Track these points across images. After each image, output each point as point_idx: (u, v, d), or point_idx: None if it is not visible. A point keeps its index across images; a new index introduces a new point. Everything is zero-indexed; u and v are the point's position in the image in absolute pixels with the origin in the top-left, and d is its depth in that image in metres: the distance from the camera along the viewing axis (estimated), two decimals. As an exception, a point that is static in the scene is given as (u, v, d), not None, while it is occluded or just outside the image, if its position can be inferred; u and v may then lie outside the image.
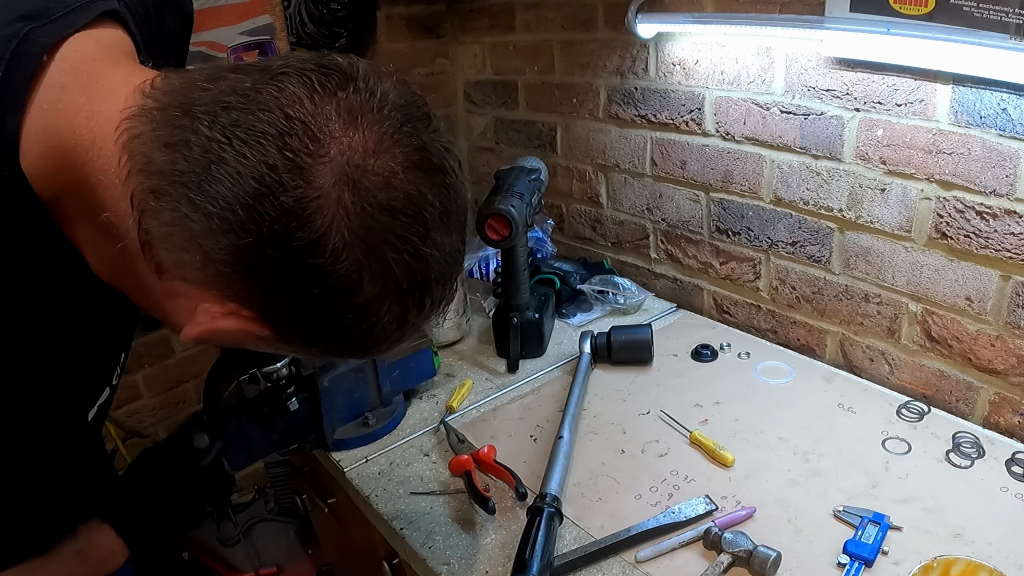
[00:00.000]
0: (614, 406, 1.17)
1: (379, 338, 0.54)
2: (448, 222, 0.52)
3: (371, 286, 0.49)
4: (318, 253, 0.46)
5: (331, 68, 0.49)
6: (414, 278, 0.51)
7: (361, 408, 1.14)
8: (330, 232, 0.46)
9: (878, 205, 1.10)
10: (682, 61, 1.33)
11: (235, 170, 0.45)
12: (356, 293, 0.49)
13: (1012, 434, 1.01)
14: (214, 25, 1.56)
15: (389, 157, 0.48)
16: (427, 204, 0.50)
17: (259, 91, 0.47)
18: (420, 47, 1.84)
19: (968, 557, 0.74)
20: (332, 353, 0.57)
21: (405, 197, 0.48)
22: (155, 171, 0.47)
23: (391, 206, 0.48)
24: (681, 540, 0.87)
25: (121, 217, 0.49)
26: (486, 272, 1.70)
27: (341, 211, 0.46)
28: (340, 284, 0.48)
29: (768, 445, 1.04)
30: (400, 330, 0.54)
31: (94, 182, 0.49)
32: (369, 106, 0.48)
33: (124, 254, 0.51)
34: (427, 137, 0.50)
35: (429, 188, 0.50)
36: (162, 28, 0.68)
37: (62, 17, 0.52)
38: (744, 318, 1.40)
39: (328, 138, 0.46)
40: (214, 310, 0.50)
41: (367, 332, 0.52)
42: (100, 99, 0.50)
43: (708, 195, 1.38)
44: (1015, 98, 0.90)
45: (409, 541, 0.93)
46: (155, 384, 1.85)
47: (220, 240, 0.46)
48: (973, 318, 1.04)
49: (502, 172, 1.30)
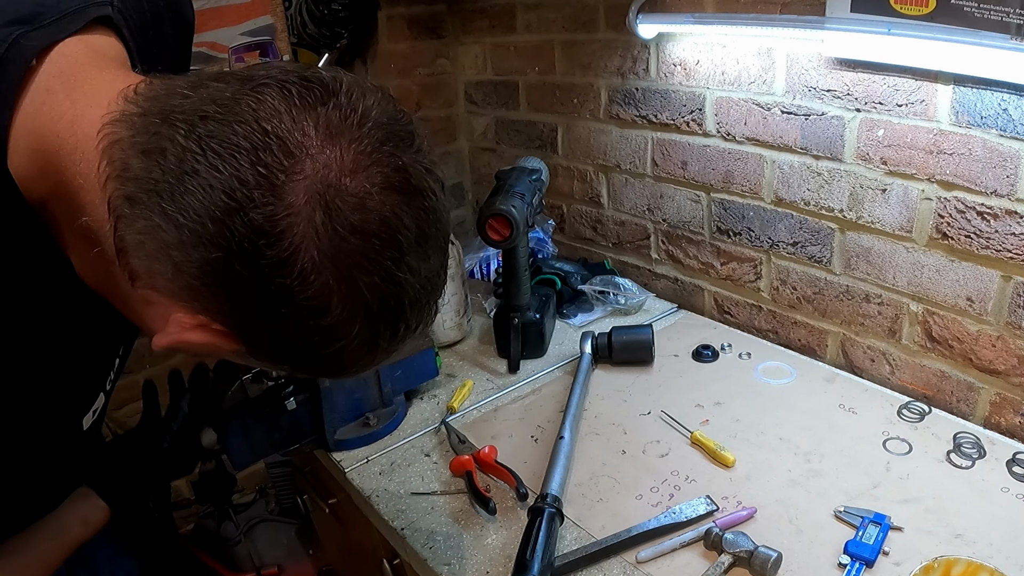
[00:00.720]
0: (615, 406, 1.17)
1: (348, 361, 0.53)
2: (425, 246, 0.51)
3: (340, 309, 0.48)
4: (286, 273, 0.45)
5: (313, 81, 0.48)
6: (386, 303, 0.50)
7: (362, 408, 1.14)
8: (299, 252, 0.45)
9: (879, 205, 1.10)
10: (683, 61, 1.33)
11: (207, 182, 0.44)
12: (324, 315, 0.48)
13: (1013, 434, 1.01)
14: (215, 26, 1.57)
15: (365, 177, 0.47)
16: (403, 227, 0.48)
17: (238, 102, 0.46)
18: (421, 48, 1.84)
19: (969, 558, 0.74)
20: (303, 371, 0.56)
21: (379, 220, 0.47)
22: (131, 178, 0.46)
23: (364, 228, 0.46)
24: (682, 540, 0.87)
25: (99, 222, 0.48)
26: (487, 272, 1.70)
27: (312, 231, 0.45)
28: (308, 305, 0.47)
29: (769, 445, 1.04)
30: (371, 354, 0.53)
31: (76, 186, 0.49)
32: (349, 123, 0.47)
33: (102, 259, 0.50)
34: (408, 158, 0.49)
35: (406, 211, 0.48)
36: (159, 35, 0.67)
37: (54, 22, 0.52)
38: (745, 318, 1.40)
39: (304, 155, 0.45)
40: (184, 321, 0.50)
41: (336, 355, 0.51)
42: (84, 103, 0.49)
43: (709, 195, 1.38)
44: (1016, 98, 0.90)
45: (410, 541, 0.93)
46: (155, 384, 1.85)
47: (190, 253, 0.45)
48: (974, 318, 1.04)
49: (503, 172, 1.30)
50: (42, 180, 0.49)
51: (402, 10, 1.79)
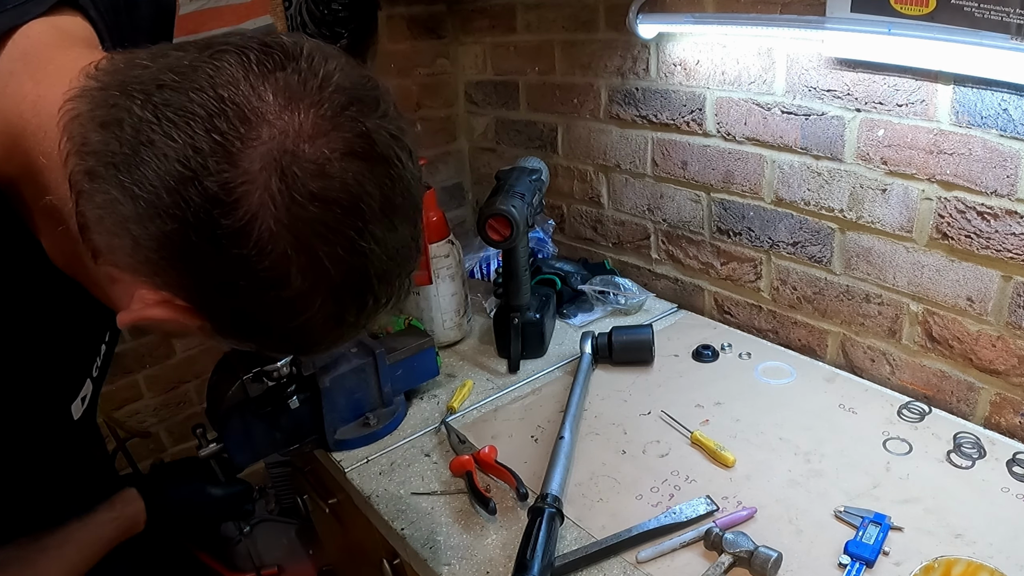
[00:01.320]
0: (615, 406, 1.17)
1: (316, 337, 0.52)
2: (392, 216, 0.49)
3: (300, 280, 0.46)
4: (243, 243, 0.44)
5: (273, 47, 0.46)
6: (350, 274, 0.48)
7: (362, 408, 1.14)
8: (256, 221, 0.44)
9: (879, 205, 1.10)
10: (683, 61, 1.33)
11: (163, 152, 0.43)
12: (283, 287, 0.46)
13: (1013, 434, 1.01)
14: (214, 26, 1.56)
15: (325, 143, 0.45)
16: (365, 195, 0.46)
17: (195, 70, 0.44)
18: (421, 48, 1.84)
19: (969, 558, 0.75)
20: (271, 348, 0.54)
21: (340, 186, 0.45)
22: (90, 152, 0.45)
23: (324, 196, 0.45)
24: (682, 540, 0.87)
25: (63, 200, 0.47)
26: (487, 272, 1.70)
27: (268, 199, 0.44)
28: (266, 277, 0.45)
29: (769, 445, 1.04)
30: (339, 328, 0.52)
31: (40, 166, 0.48)
32: (310, 87, 0.45)
33: (67, 238, 0.49)
34: (372, 123, 0.47)
35: (369, 178, 0.47)
36: (133, 16, 0.66)
37: (20, 5, 0.51)
38: (745, 318, 1.40)
39: (261, 121, 0.44)
40: (147, 297, 0.48)
41: (301, 330, 0.50)
42: (47, 83, 0.48)
43: (709, 195, 1.38)
44: (1016, 98, 0.90)
45: (410, 541, 0.93)
46: (156, 384, 1.85)
47: (147, 226, 0.44)
48: (974, 318, 1.04)
49: (503, 172, 1.30)
50: (8, 163, 0.49)
51: (402, 10, 1.79)
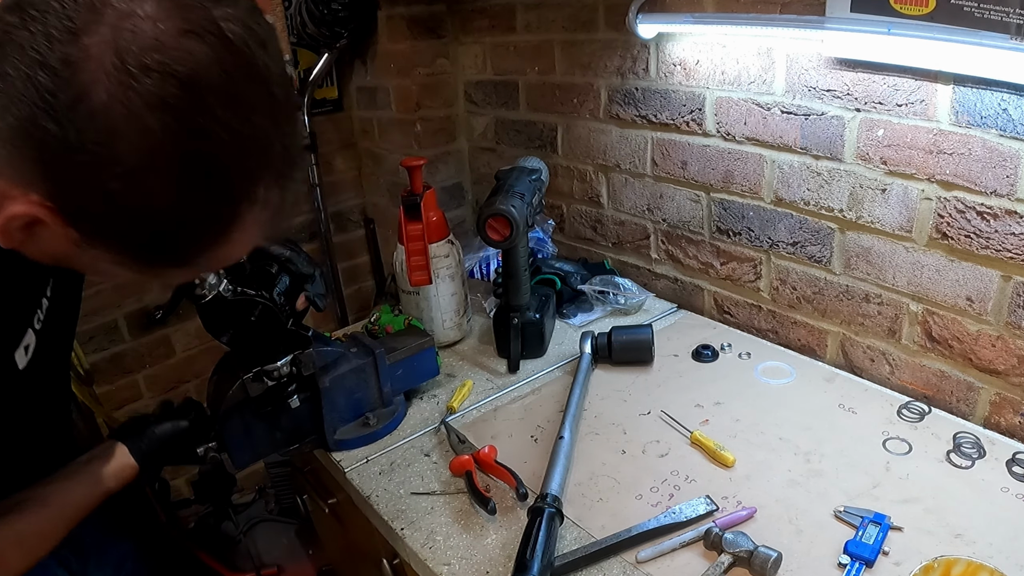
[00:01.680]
0: (615, 406, 1.17)
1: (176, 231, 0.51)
2: (239, 102, 0.49)
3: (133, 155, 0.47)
4: (78, 117, 0.45)
5: None
6: (190, 154, 0.48)
7: (362, 408, 1.14)
8: (89, 93, 0.45)
9: (879, 205, 1.10)
10: (683, 61, 1.33)
11: (19, 45, 0.45)
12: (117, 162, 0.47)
13: (1013, 434, 1.01)
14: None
15: (167, 22, 0.46)
16: (203, 72, 0.47)
17: None
18: (421, 47, 1.84)
19: (969, 557, 0.74)
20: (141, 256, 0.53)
21: (175, 59, 0.46)
22: None
23: (159, 68, 0.46)
24: (682, 540, 0.87)
25: None
26: (487, 272, 1.70)
27: (102, 74, 0.45)
28: (99, 151, 0.46)
29: (769, 445, 1.04)
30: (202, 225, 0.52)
31: None
32: None
33: None
34: (220, 12, 0.49)
35: (211, 58, 0.48)
36: None
37: None
38: (745, 318, 1.40)
39: (106, 6, 0.46)
40: (10, 194, 0.49)
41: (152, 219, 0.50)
42: None
43: (709, 195, 1.38)
44: (1016, 98, 0.90)
45: (410, 541, 0.93)
46: (156, 384, 1.85)
47: (6, 117, 0.46)
48: (974, 318, 1.04)
49: (503, 172, 1.30)
50: None
51: (402, 10, 1.79)
